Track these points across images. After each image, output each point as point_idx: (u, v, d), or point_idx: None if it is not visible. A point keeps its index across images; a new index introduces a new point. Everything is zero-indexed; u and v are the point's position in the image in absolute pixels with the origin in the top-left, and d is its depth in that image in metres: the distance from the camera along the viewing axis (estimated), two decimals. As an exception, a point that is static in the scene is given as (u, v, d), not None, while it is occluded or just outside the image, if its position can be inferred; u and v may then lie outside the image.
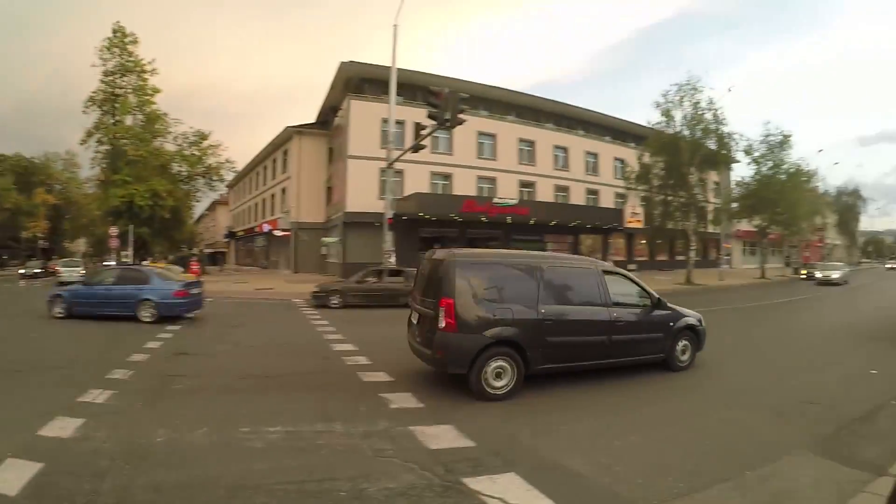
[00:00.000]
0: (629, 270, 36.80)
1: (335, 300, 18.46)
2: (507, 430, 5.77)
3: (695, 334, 9.20)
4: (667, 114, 34.41)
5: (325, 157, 41.84)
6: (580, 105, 46.52)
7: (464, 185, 36.18)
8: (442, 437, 5.38)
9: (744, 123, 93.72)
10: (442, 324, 6.85)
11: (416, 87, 31.11)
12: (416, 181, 33.46)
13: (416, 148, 20.31)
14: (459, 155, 36.62)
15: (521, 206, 33.82)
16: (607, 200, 44.89)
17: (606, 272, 8.45)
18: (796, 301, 25.03)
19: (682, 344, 8.97)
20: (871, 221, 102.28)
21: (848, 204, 79.30)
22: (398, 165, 24.33)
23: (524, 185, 40.01)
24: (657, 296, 8.86)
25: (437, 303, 6.98)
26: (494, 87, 40.38)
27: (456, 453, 5.00)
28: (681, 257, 40.94)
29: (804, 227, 49.15)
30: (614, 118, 48.48)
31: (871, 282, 42.43)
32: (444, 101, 16.13)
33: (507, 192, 36.54)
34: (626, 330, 8.19)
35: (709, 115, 34.17)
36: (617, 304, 8.15)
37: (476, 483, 4.43)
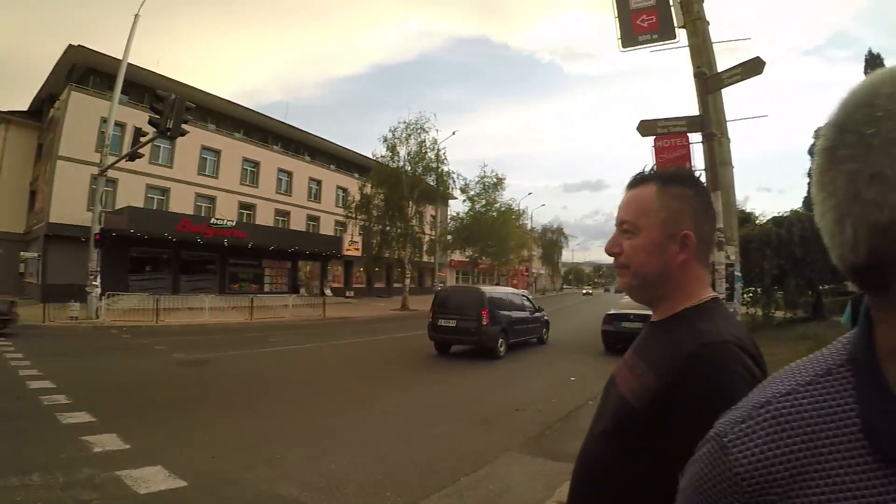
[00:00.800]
0: (347, 298, 39.44)
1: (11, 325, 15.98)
2: (219, 466, 5.76)
3: (547, 324, 18.42)
4: (392, 148, 38.03)
5: (32, 155, 36.36)
6: (310, 131, 48.78)
7: (181, 203, 34.67)
8: (152, 479, 5.19)
9: (465, 164, 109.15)
10: (485, 321, 14.19)
11: (145, 89, 30.37)
12: (130, 193, 31.35)
13: (133, 156, 19.59)
14: (180, 169, 35.17)
15: (240, 229, 34.12)
16: (327, 228, 47.23)
17: (524, 294, 17.96)
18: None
19: (545, 329, 18.22)
20: (572, 254, 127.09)
21: (552, 239, 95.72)
22: (112, 174, 23.86)
23: (244, 206, 40.30)
24: (537, 305, 18.12)
25: (480, 312, 14.22)
26: (226, 100, 40.77)
27: (168, 496, 4.92)
28: (398, 285, 45.29)
29: (512, 258, 57.51)
30: (341, 147, 52.11)
31: (574, 304, 52.30)
32: (169, 107, 15.80)
33: (227, 213, 36.19)
34: (532, 321, 17.14)
35: (431, 154, 38.62)
36: (529, 309, 17.14)
37: (193, 527, 4.63)
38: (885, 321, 0.61)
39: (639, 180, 1.42)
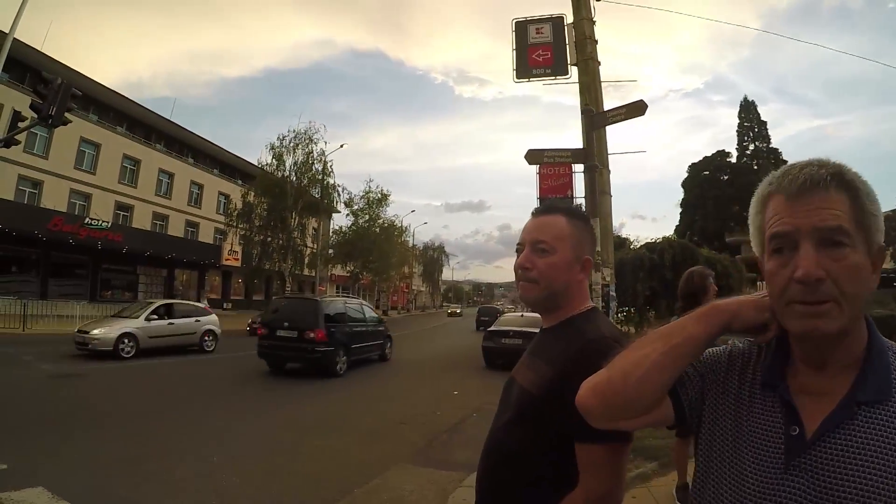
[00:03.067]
0: (224, 310, 38.40)
1: None
2: (103, 484, 5.61)
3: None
4: (279, 157, 38.16)
5: None
6: (195, 132, 47.42)
7: (54, 198, 32.08)
8: (35, 501, 5.02)
9: (350, 177, 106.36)
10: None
11: (28, 68, 28.56)
12: None
13: (9, 142, 17.52)
14: (56, 161, 32.62)
15: (115, 232, 32.92)
16: (207, 235, 46.11)
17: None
18: (394, 338, 29.81)
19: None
20: (452, 273, 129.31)
21: (433, 257, 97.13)
22: None
23: (121, 207, 38.16)
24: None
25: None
26: (112, 90, 38.62)
27: None
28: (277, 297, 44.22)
29: (393, 274, 58.46)
30: (227, 151, 51.54)
31: (451, 322, 53.32)
32: (54, 92, 14.66)
33: (102, 213, 34.33)
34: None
35: (318, 166, 39.22)
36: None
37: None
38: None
39: (547, 209, 1.72)
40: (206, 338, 18.53)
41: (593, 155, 8.91)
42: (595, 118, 9.08)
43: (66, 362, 14.33)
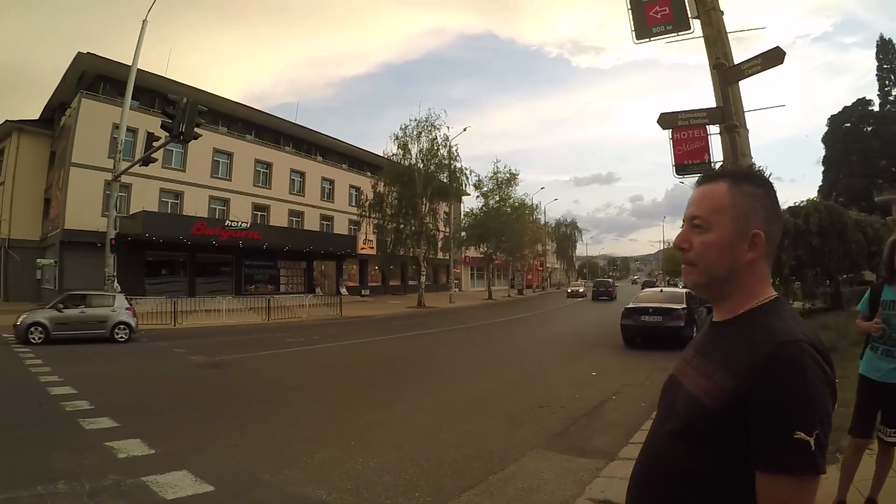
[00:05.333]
0: (363, 297, 39.56)
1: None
2: (245, 469, 5.72)
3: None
4: (404, 146, 38.30)
5: (45, 163, 36.48)
6: (321, 131, 49.00)
7: (195, 206, 34.65)
8: (178, 484, 5.11)
9: (476, 160, 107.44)
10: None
11: (156, 94, 30.58)
12: (144, 198, 31.49)
13: (147, 161, 19.68)
14: (193, 172, 35.12)
15: (254, 231, 34.27)
16: (341, 227, 47.32)
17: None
18: (530, 317, 30.14)
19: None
20: (586, 248, 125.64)
21: (566, 233, 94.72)
22: (125, 179, 24.07)
23: (258, 208, 40.10)
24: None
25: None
26: (237, 103, 40.87)
27: (196, 501, 4.85)
28: (413, 282, 45.71)
29: (527, 252, 57.44)
30: (353, 146, 52.27)
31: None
32: (181, 111, 15.63)
33: (241, 215, 36.32)
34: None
35: (443, 151, 39.08)
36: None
37: (222, 530, 4.64)
38: None
39: (710, 177, 1.43)
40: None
41: (731, 113, 8.40)
42: (728, 72, 8.47)
43: (214, 352, 14.70)
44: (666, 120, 8.88)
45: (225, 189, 37.66)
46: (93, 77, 32.62)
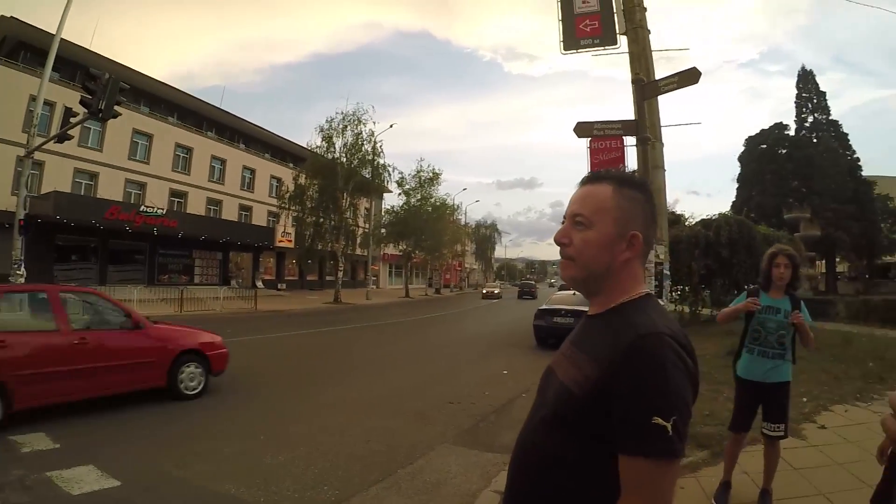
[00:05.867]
0: (279, 290, 38.96)
1: None
2: (153, 463, 5.69)
3: None
4: (328, 139, 38.19)
5: None
6: (246, 118, 48.08)
7: (110, 188, 33.15)
8: (84, 479, 5.08)
9: (401, 157, 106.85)
10: None
11: (78, 66, 29.10)
12: (57, 177, 29.61)
13: (63, 137, 18.45)
14: (110, 153, 33.49)
15: (171, 218, 33.21)
16: (260, 218, 46.49)
17: None
18: (446, 316, 30.64)
19: None
20: (504, 250, 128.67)
21: (486, 235, 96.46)
22: (39, 156, 22.01)
23: (175, 194, 38.83)
24: None
25: None
26: (161, 82, 39.38)
27: (102, 496, 4.81)
28: (330, 277, 45.42)
29: (446, 252, 58.29)
30: (277, 136, 51.59)
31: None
32: (103, 87, 14.79)
33: (157, 201, 34.88)
34: None
35: (368, 146, 38.99)
36: None
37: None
38: None
39: (594, 178, 1.51)
40: None
41: (644, 127, 8.64)
42: (646, 87, 8.74)
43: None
44: (582, 128, 9.14)
45: (142, 172, 36.15)
46: (14, 43, 31.15)
